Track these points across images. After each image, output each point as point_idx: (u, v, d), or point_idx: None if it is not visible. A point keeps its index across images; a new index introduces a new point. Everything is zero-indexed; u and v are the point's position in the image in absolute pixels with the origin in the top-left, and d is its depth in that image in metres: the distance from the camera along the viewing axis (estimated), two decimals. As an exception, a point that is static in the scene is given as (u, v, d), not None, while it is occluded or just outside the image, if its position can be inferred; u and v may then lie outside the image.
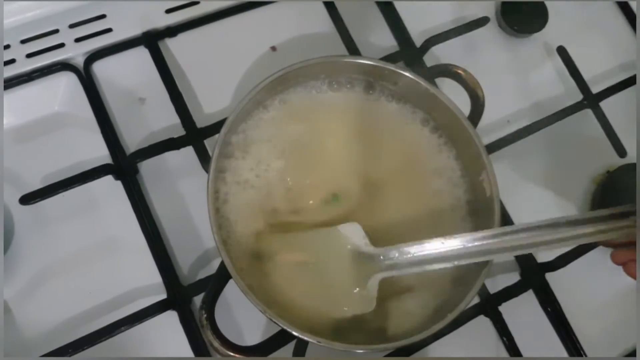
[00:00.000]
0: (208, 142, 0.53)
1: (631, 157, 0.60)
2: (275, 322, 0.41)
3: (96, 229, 0.52)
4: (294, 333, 0.41)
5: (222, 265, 0.43)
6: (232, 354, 0.41)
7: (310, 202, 0.49)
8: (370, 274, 0.44)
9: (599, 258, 0.54)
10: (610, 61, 0.67)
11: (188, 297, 0.50)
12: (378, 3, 0.62)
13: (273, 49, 0.59)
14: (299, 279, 0.45)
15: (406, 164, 0.50)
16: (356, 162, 0.50)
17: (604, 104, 0.61)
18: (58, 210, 0.52)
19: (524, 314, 0.54)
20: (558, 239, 0.42)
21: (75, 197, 0.51)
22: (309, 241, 0.46)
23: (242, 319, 0.51)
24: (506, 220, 0.55)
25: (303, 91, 0.51)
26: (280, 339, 0.45)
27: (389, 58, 0.58)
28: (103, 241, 0.52)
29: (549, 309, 0.54)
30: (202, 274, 0.51)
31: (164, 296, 0.50)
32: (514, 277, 0.55)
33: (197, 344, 0.48)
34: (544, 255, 0.56)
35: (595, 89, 0.61)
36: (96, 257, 0.51)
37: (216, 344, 0.41)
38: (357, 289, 0.44)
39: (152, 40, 0.56)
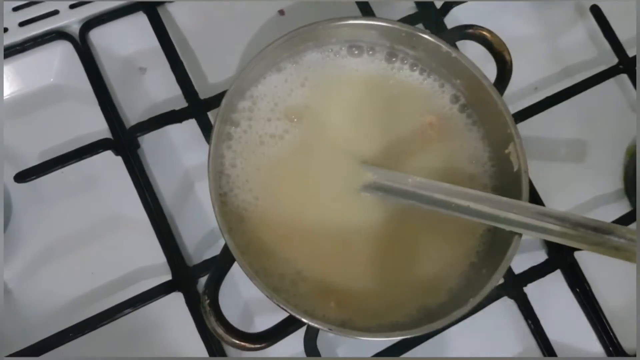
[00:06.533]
0: (212, 114, 0.50)
1: (670, 126, 0.56)
2: (283, 309, 0.38)
3: (97, 207, 0.50)
4: (304, 320, 0.38)
5: (227, 246, 0.40)
6: (236, 341, 0.39)
7: (325, 171, 0.45)
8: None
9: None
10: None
11: (194, 278, 0.48)
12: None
13: (281, 12, 0.56)
14: None
15: (430, 143, 0.47)
16: (376, 135, 0.46)
17: (642, 68, 0.56)
18: (57, 187, 0.49)
19: (551, 296, 0.51)
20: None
21: (74, 174, 0.49)
22: None
23: (251, 300, 0.49)
24: (534, 197, 0.51)
25: (319, 55, 0.47)
26: (289, 324, 0.41)
27: (407, 20, 0.54)
28: (104, 220, 0.50)
29: (578, 290, 0.51)
30: (209, 254, 0.48)
31: (168, 277, 0.47)
32: (540, 256, 0.52)
33: (204, 327, 0.45)
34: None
35: (632, 52, 0.57)
36: (98, 236, 0.49)
37: (220, 330, 0.39)
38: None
39: (150, 5, 0.53)
